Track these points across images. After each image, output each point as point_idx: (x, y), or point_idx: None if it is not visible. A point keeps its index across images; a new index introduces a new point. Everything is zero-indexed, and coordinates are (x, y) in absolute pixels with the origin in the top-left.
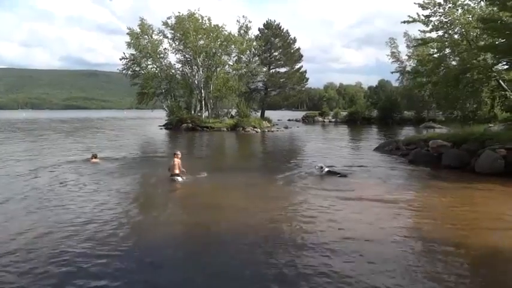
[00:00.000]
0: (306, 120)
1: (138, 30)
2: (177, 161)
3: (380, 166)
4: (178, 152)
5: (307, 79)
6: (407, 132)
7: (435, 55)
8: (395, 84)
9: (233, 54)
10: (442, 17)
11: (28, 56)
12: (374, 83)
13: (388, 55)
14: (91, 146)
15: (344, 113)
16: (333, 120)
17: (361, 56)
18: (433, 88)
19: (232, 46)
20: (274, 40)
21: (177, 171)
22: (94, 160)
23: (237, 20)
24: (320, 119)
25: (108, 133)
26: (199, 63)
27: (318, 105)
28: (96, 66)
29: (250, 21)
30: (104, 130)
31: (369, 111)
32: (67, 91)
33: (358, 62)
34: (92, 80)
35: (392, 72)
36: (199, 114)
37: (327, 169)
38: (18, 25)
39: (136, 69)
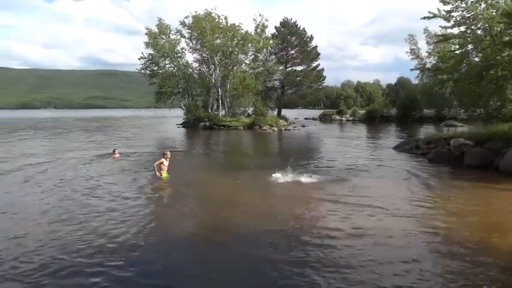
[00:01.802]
0: (323, 119)
1: (156, 30)
2: (166, 161)
3: (399, 165)
4: (168, 153)
5: (324, 77)
6: (427, 130)
7: (457, 51)
8: (414, 81)
9: (250, 53)
10: (464, 12)
11: (50, 57)
12: (392, 80)
13: (407, 52)
14: (112, 143)
15: (362, 111)
16: (351, 118)
17: (379, 53)
18: (454, 85)
19: (249, 45)
20: (291, 38)
21: (164, 171)
22: (116, 156)
23: (254, 19)
24: (337, 117)
25: (127, 131)
26: (216, 62)
27: (335, 103)
28: (115, 66)
29: (266, 20)
30: (124, 128)
31: (388, 109)
32: (87, 90)
33: (375, 60)
34: (111, 79)
35: (411, 70)
36: (216, 112)
37: (288, 176)
38: (40, 28)
39: (155, 68)
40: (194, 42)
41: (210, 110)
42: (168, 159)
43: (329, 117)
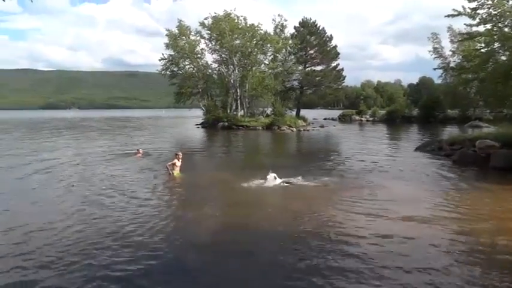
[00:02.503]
0: (343, 119)
1: (177, 31)
2: (178, 162)
3: (422, 166)
4: (180, 153)
5: (344, 77)
6: (451, 131)
7: (482, 50)
8: (437, 81)
9: (269, 53)
10: (490, 10)
11: (74, 58)
12: (414, 80)
13: (430, 51)
14: (134, 142)
15: (382, 112)
16: (371, 119)
17: (399, 53)
18: (480, 85)
19: (268, 45)
20: (310, 38)
21: (177, 171)
22: (139, 155)
23: (273, 19)
24: (357, 117)
25: (148, 131)
26: (235, 63)
27: (354, 103)
28: (136, 67)
29: (286, 20)
30: (144, 128)
31: (409, 109)
32: (109, 91)
33: (396, 59)
34: (132, 80)
35: (434, 69)
36: (235, 113)
37: (279, 180)
38: (65, 31)
39: (175, 69)
40: (213, 43)
41: (228, 110)
42: (180, 160)
43: (348, 117)
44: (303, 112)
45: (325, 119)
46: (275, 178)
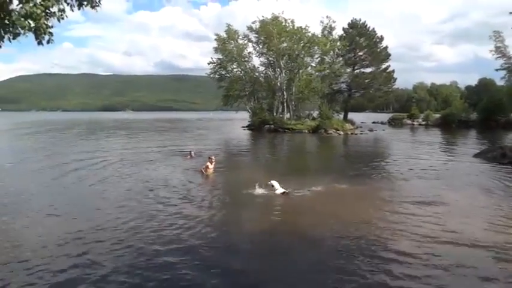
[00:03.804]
0: (393, 123)
1: (225, 35)
2: (211, 165)
3: (482, 175)
4: (213, 157)
5: (395, 79)
6: None
7: None
8: (500, 82)
9: (316, 56)
10: None
11: (128, 63)
12: (472, 81)
13: (491, 50)
14: (185, 142)
15: (436, 116)
16: (424, 123)
17: (456, 53)
18: None
19: (316, 47)
20: (359, 39)
21: (210, 171)
22: (188, 156)
23: (321, 21)
24: (409, 121)
25: (197, 132)
26: (282, 66)
27: (405, 106)
28: (186, 71)
29: (334, 21)
30: (194, 130)
31: (467, 113)
32: (160, 94)
33: (451, 60)
34: (181, 83)
35: (497, 70)
36: (281, 115)
37: (281, 190)
38: (121, 37)
39: (223, 72)
40: (261, 46)
41: (275, 113)
42: (212, 163)
43: (399, 121)
44: (351, 115)
45: (374, 122)
46: (272, 186)
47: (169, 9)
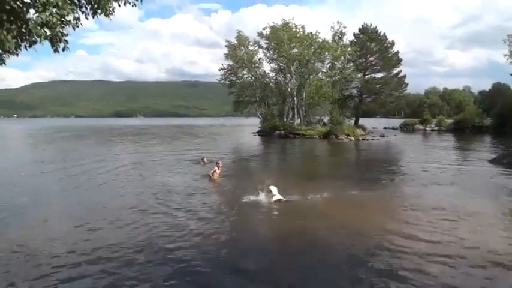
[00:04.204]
0: (405, 128)
1: (236, 42)
2: (218, 170)
3: (498, 180)
4: (220, 162)
5: (407, 84)
6: None
7: None
8: None
9: (327, 61)
10: None
11: (141, 70)
12: (485, 86)
13: (505, 55)
14: (195, 147)
15: (449, 121)
16: (436, 128)
17: (468, 58)
18: None
19: (326, 53)
20: (370, 45)
21: (217, 176)
22: (203, 162)
23: (331, 27)
24: (421, 127)
25: (208, 138)
26: (293, 71)
27: (417, 112)
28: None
29: (344, 27)
30: (204, 135)
31: (481, 118)
32: (171, 100)
33: (464, 64)
34: (192, 90)
35: (511, 74)
36: (291, 121)
37: (278, 197)
38: (134, 44)
39: (233, 78)
40: (271, 52)
41: (285, 119)
42: (220, 167)
43: (411, 126)
44: (362, 121)
45: (385, 128)
46: (270, 191)
47: (181, 16)
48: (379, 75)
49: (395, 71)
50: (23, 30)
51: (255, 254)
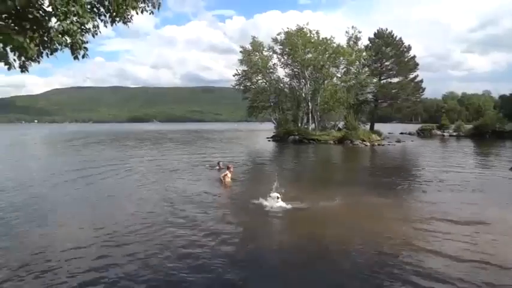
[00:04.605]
0: (422, 134)
1: (250, 47)
2: (229, 173)
3: None
4: (231, 166)
5: (424, 89)
6: None
7: None
8: None
9: (341, 66)
10: None
11: (156, 76)
12: (506, 91)
13: None
14: (213, 153)
15: (468, 126)
16: (455, 133)
17: (487, 61)
18: None
19: (341, 58)
20: (386, 49)
21: (228, 180)
22: (219, 167)
23: (346, 31)
24: (438, 132)
25: (223, 143)
26: (307, 76)
27: (434, 117)
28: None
29: (359, 32)
30: (219, 140)
31: (502, 123)
32: (186, 105)
33: (483, 68)
34: (207, 95)
35: None
36: (306, 126)
37: (280, 203)
38: (149, 51)
39: (248, 84)
40: (286, 57)
41: (300, 124)
42: (231, 172)
43: (428, 132)
44: (378, 126)
45: (401, 133)
46: (277, 198)
47: (195, 23)
48: (395, 80)
49: (411, 76)
50: (45, 38)
51: (268, 262)
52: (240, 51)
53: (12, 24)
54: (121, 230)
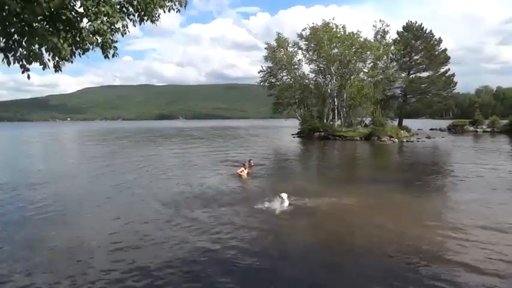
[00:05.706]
0: (453, 130)
1: (275, 44)
2: (245, 170)
3: None
4: (251, 161)
5: (455, 83)
6: None
7: None
8: None
9: (368, 61)
10: None
11: (182, 74)
12: None
13: None
14: (236, 149)
15: (504, 122)
16: (489, 129)
17: None
18: None
19: (368, 52)
20: (415, 43)
21: (244, 175)
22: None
23: (373, 25)
24: (471, 128)
25: (249, 140)
26: (333, 72)
27: (467, 112)
28: (236, 80)
29: (387, 25)
30: (245, 137)
31: None
32: (211, 103)
33: None
34: (232, 92)
35: None
36: (331, 123)
37: (286, 202)
38: (175, 49)
39: (272, 80)
40: (311, 53)
41: (325, 120)
42: (247, 167)
43: (460, 128)
44: (406, 122)
45: (431, 129)
46: (283, 199)
47: (220, 21)
48: (424, 74)
49: (442, 70)
50: (77, 38)
51: (291, 260)
52: (265, 48)
53: (47, 26)
54: (145, 226)
